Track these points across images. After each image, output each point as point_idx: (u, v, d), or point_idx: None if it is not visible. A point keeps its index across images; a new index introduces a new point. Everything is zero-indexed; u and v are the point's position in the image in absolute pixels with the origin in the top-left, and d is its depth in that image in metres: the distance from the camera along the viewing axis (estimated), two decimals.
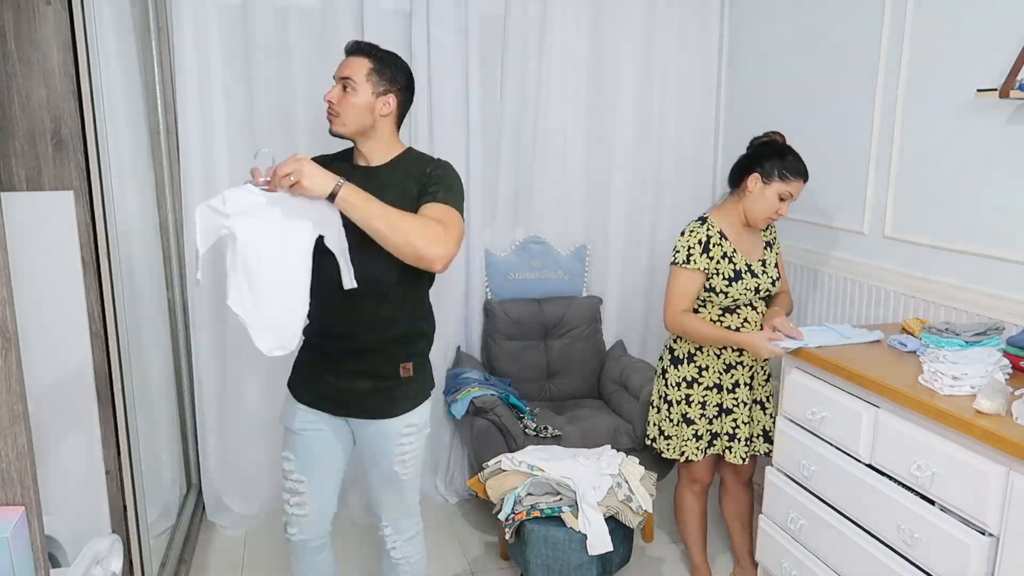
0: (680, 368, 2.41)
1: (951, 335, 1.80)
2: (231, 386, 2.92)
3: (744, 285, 2.29)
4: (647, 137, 3.24)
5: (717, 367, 2.38)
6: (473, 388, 2.81)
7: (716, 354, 2.37)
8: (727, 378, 2.39)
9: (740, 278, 2.29)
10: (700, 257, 2.26)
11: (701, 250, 2.27)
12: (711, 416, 2.41)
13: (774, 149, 2.29)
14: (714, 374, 2.38)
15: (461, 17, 2.92)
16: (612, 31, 3.11)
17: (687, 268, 2.27)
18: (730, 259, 2.29)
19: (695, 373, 2.39)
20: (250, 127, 2.79)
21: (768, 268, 2.36)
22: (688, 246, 2.28)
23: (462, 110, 2.99)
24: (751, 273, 2.31)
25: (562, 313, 3.17)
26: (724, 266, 2.28)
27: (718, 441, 2.42)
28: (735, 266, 2.29)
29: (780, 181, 2.24)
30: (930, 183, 2.32)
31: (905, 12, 2.35)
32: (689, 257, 2.27)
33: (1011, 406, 1.63)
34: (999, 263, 2.11)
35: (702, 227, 2.30)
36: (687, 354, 2.40)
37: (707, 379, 2.39)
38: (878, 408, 1.89)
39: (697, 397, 2.40)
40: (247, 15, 2.71)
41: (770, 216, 2.27)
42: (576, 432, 2.80)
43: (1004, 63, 2.00)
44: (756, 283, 2.31)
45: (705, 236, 2.28)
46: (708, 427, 2.41)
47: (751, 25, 3.12)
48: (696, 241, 2.27)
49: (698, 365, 2.39)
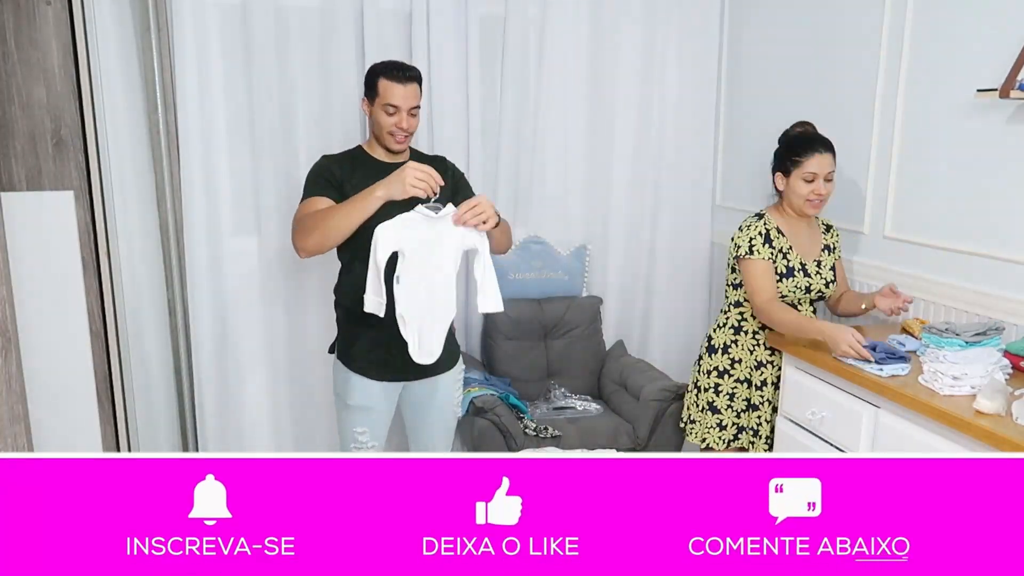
0: (714, 357, 2.43)
1: (951, 335, 1.80)
2: (232, 386, 2.92)
3: (795, 283, 2.31)
4: (647, 137, 3.24)
5: (749, 362, 2.40)
6: (473, 388, 2.81)
7: (750, 349, 2.39)
8: (757, 375, 2.40)
9: (792, 275, 2.31)
10: (763, 247, 2.29)
11: (763, 241, 2.29)
12: (739, 409, 2.42)
13: (782, 142, 2.34)
14: (746, 368, 2.40)
15: (461, 17, 2.92)
16: (612, 31, 3.11)
17: (755, 259, 2.29)
18: (785, 255, 2.31)
19: (727, 364, 2.41)
20: (250, 127, 2.78)
21: (823, 270, 2.37)
22: (750, 238, 2.30)
23: (462, 110, 2.99)
24: (804, 272, 2.32)
25: (562, 313, 3.17)
26: (779, 261, 2.31)
27: (743, 435, 2.43)
28: (789, 263, 2.31)
29: (794, 167, 2.27)
30: (930, 183, 2.32)
31: (905, 12, 2.34)
32: (752, 248, 2.29)
33: (1011, 406, 1.63)
34: (999, 263, 2.11)
35: (759, 221, 2.33)
36: (723, 344, 2.42)
37: (738, 371, 2.41)
38: (878, 408, 1.89)
39: (727, 388, 2.42)
40: (247, 15, 2.71)
41: (809, 199, 2.27)
42: (576, 432, 2.80)
43: (1004, 63, 2.00)
44: (808, 282, 2.33)
45: (764, 229, 2.31)
46: (735, 420, 2.43)
47: (751, 25, 3.12)
48: (756, 233, 2.30)
49: (731, 357, 2.41)
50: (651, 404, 2.79)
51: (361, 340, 2.19)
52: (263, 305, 2.90)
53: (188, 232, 2.76)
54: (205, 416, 2.90)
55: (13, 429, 2.29)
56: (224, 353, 2.88)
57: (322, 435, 3.01)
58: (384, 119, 2.12)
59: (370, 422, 2.23)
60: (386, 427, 2.28)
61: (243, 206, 2.84)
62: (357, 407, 2.21)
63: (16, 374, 2.30)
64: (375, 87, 2.13)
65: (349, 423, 2.25)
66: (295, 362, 2.96)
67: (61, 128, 2.50)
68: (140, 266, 2.80)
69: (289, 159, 2.83)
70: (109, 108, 2.64)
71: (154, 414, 2.92)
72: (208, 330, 2.84)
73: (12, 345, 2.27)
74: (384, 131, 2.13)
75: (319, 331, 2.92)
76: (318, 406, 3.00)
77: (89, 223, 2.61)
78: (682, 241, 3.32)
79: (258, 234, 2.85)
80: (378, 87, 2.12)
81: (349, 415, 2.24)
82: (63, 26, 2.47)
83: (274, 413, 3.00)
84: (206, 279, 2.80)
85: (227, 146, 2.79)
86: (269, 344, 2.93)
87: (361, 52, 2.81)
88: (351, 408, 2.22)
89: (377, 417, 2.24)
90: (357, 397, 2.20)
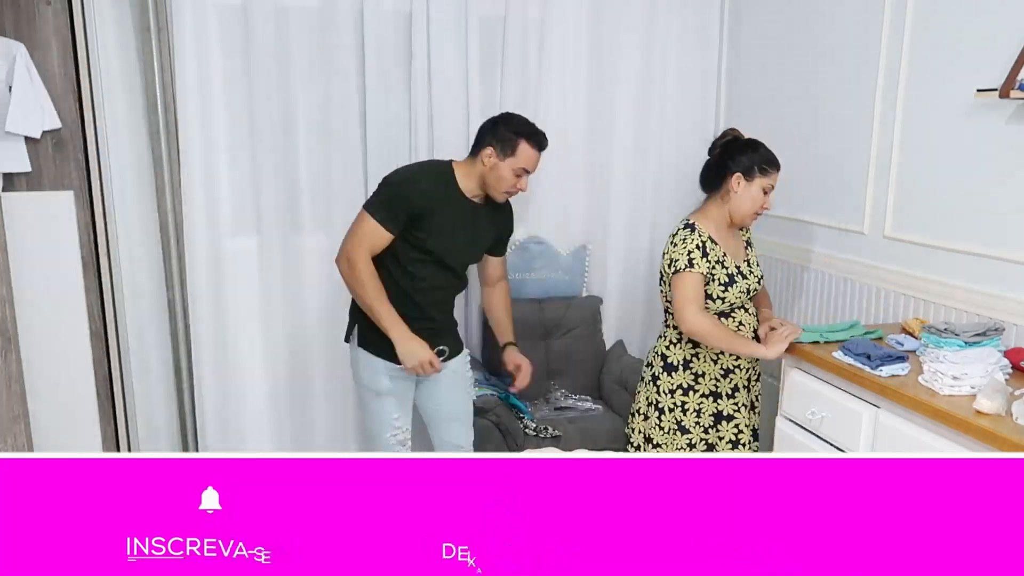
0: (675, 375, 2.38)
1: (951, 335, 1.80)
2: (231, 385, 2.92)
3: (739, 288, 2.28)
4: (647, 137, 3.24)
5: (714, 373, 2.36)
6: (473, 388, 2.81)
7: (713, 359, 2.35)
8: (725, 384, 2.37)
9: (734, 282, 2.28)
10: (701, 261, 2.24)
11: (700, 255, 2.25)
12: (706, 425, 2.38)
13: (745, 144, 2.28)
14: (710, 381, 2.36)
15: (461, 17, 2.92)
16: (612, 31, 3.11)
17: (692, 272, 2.23)
18: (722, 264, 2.27)
19: (691, 380, 2.37)
20: (250, 127, 2.78)
21: (753, 268, 2.36)
22: (688, 251, 2.24)
23: (462, 110, 2.99)
24: (741, 275, 2.30)
25: (562, 313, 3.17)
26: (719, 271, 2.26)
27: (717, 451, 2.40)
28: (727, 270, 2.28)
29: (761, 175, 2.24)
30: (930, 183, 2.32)
31: (905, 12, 2.34)
32: (691, 261, 2.23)
33: (1011, 406, 1.63)
34: (999, 263, 2.11)
35: (693, 234, 2.26)
36: (682, 360, 2.37)
37: (703, 386, 2.37)
38: (878, 408, 1.89)
39: (692, 405, 2.37)
40: (247, 15, 2.71)
41: (757, 212, 2.27)
42: (576, 432, 2.80)
43: (1004, 63, 2.00)
44: (747, 284, 2.31)
45: (700, 241, 2.25)
46: (703, 436, 2.38)
47: (751, 25, 3.12)
48: (694, 246, 2.25)
49: (694, 372, 2.36)
50: None
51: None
52: (263, 305, 2.90)
53: (188, 232, 2.76)
54: (205, 415, 2.90)
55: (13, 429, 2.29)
56: (224, 353, 2.88)
57: (322, 433, 3.02)
58: (510, 178, 2.25)
59: (401, 407, 2.32)
60: (409, 408, 2.37)
61: (243, 206, 2.84)
62: (388, 392, 2.28)
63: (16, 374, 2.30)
64: (514, 147, 2.22)
65: (383, 412, 2.30)
66: (295, 361, 2.96)
67: (61, 128, 2.50)
68: (140, 266, 2.80)
69: (289, 159, 2.83)
70: (109, 108, 2.64)
71: (154, 413, 2.92)
72: (208, 330, 2.84)
73: (12, 345, 2.27)
74: (503, 187, 2.27)
75: (319, 331, 2.92)
76: (318, 405, 3.00)
77: (89, 223, 2.61)
78: None
79: (258, 234, 2.85)
80: (518, 149, 2.22)
81: (382, 404, 2.29)
82: (63, 26, 2.47)
83: (274, 412, 3.00)
84: (206, 279, 2.80)
85: (227, 146, 2.79)
86: (269, 344, 2.94)
87: (361, 52, 2.81)
88: (383, 396, 2.28)
89: (406, 402, 2.34)
90: (386, 383, 2.27)
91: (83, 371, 2.50)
